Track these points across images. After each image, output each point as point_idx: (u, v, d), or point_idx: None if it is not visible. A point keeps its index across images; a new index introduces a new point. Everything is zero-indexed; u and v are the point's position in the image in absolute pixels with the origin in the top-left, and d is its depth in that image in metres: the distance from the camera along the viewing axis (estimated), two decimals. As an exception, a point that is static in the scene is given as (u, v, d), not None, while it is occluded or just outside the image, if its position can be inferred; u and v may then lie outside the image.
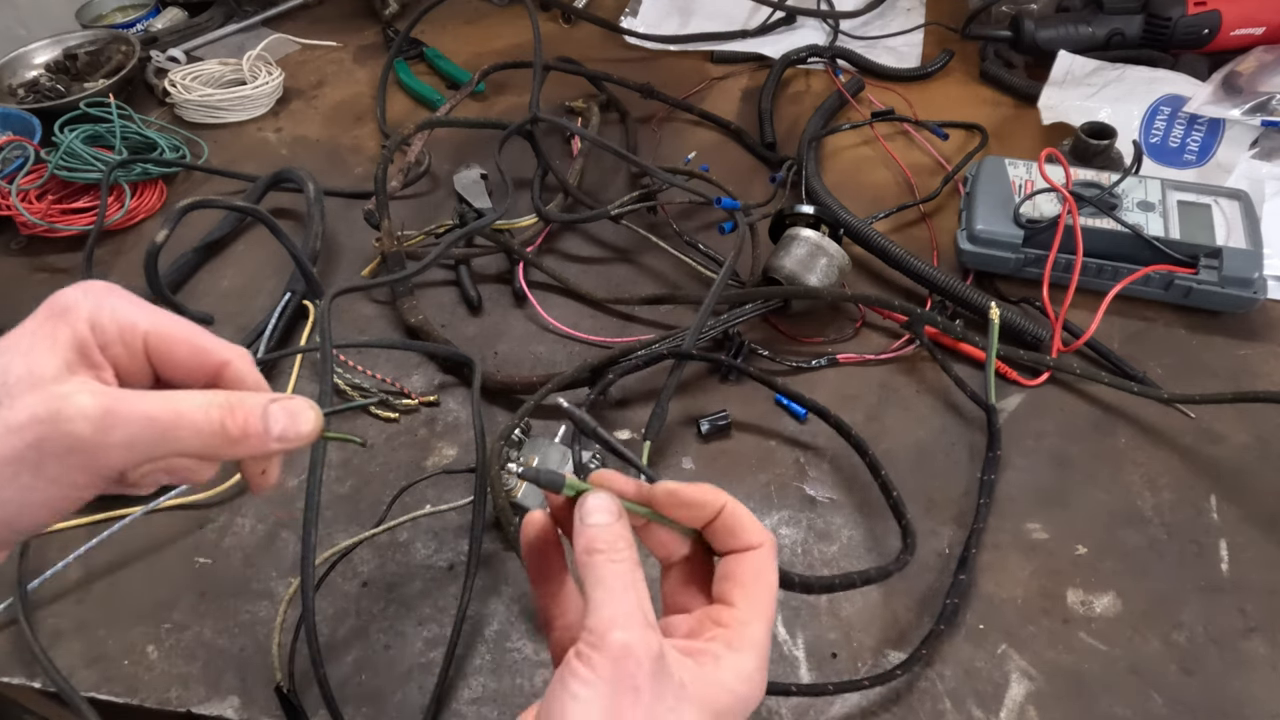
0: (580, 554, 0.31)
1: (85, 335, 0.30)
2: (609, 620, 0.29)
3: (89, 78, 1.04)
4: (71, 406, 0.28)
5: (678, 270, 0.78)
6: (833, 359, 0.69)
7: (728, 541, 0.34)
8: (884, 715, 0.50)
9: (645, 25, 1.13)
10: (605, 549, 0.31)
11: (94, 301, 0.31)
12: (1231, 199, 0.71)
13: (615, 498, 0.33)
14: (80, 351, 0.30)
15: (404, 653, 0.54)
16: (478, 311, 0.76)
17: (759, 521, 0.34)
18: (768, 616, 0.32)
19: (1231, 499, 0.59)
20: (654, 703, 0.28)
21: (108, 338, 0.31)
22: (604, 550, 0.31)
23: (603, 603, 0.29)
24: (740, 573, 0.33)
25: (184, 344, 0.32)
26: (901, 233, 0.81)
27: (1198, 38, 0.90)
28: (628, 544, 0.31)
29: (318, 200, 0.81)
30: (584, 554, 0.31)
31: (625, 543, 0.31)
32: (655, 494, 0.34)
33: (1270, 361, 0.68)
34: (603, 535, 0.31)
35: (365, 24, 1.18)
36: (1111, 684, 0.51)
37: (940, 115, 0.92)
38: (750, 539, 0.33)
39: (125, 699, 0.53)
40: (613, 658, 0.28)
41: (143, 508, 0.60)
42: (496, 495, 0.57)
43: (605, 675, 0.28)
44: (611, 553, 0.31)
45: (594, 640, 0.28)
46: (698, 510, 0.34)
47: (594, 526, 0.31)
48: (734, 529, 0.34)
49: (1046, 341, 0.68)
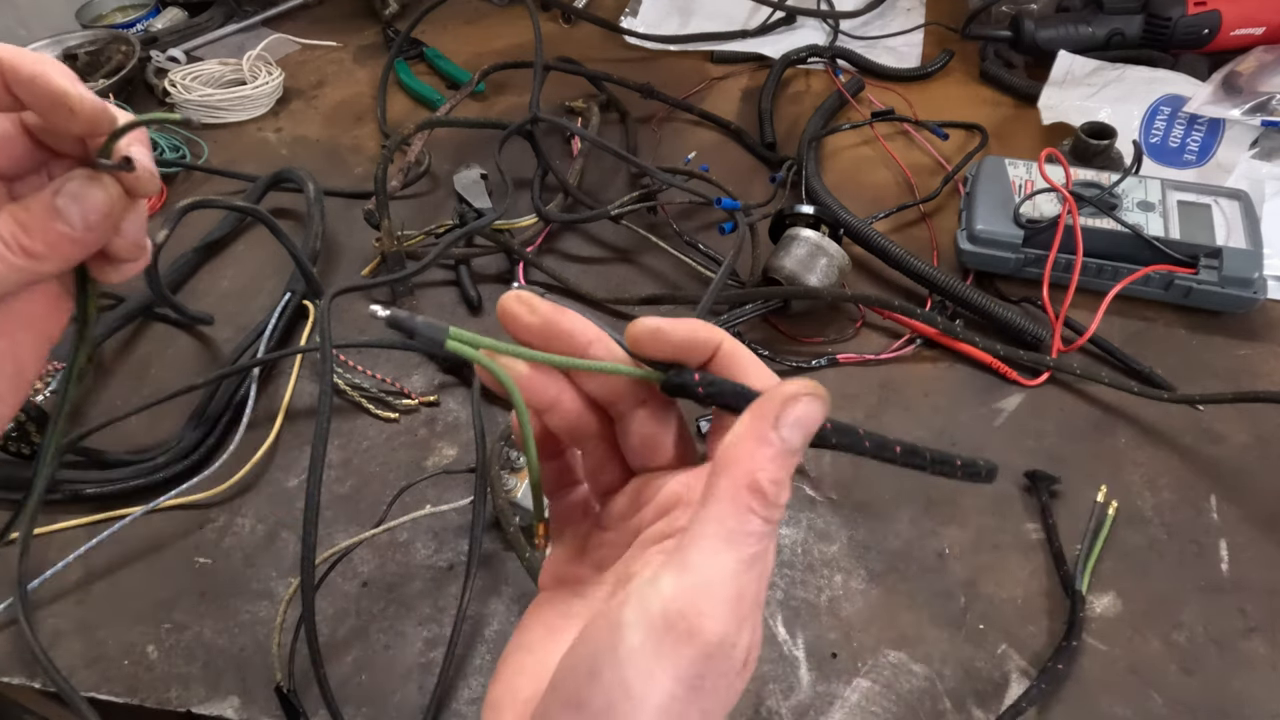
0: (729, 481, 0.22)
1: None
2: (715, 596, 0.21)
3: (89, 78, 1.04)
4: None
5: (678, 270, 0.78)
6: (833, 359, 0.69)
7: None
8: (884, 715, 0.50)
9: (645, 25, 1.13)
10: (773, 486, 0.22)
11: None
12: (1231, 199, 0.71)
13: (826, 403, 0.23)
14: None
15: (404, 653, 0.54)
16: (478, 311, 0.76)
17: (765, 366, 0.27)
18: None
19: (1231, 499, 0.59)
20: (715, 695, 0.22)
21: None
22: (770, 491, 0.22)
23: (716, 563, 0.22)
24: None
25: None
26: (901, 233, 0.81)
27: (1198, 38, 0.90)
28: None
29: (318, 200, 0.81)
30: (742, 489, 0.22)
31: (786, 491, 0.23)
32: (635, 331, 0.26)
33: (1270, 361, 0.68)
34: (786, 464, 0.22)
35: (365, 24, 1.18)
36: (1111, 684, 0.51)
37: (940, 115, 0.92)
38: (752, 382, 0.26)
39: (125, 699, 0.53)
40: (705, 648, 0.21)
41: (143, 508, 0.60)
42: (496, 495, 0.57)
43: (684, 663, 0.21)
44: (776, 498, 0.22)
45: (682, 612, 0.21)
46: (689, 353, 0.26)
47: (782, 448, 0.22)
48: (732, 372, 0.26)
49: (1046, 341, 0.68)
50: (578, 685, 0.22)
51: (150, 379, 0.72)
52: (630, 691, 0.21)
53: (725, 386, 0.25)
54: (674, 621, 0.21)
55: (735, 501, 0.22)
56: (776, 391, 0.23)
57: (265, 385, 0.70)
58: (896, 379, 0.68)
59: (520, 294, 0.26)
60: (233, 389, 0.67)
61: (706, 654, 0.21)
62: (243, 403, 0.66)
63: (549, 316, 0.26)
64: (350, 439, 0.66)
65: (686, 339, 0.26)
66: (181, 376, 0.70)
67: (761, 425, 0.22)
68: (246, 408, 0.65)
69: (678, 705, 0.21)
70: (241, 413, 0.65)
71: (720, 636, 0.21)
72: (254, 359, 0.68)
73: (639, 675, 0.21)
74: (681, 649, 0.21)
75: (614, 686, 0.21)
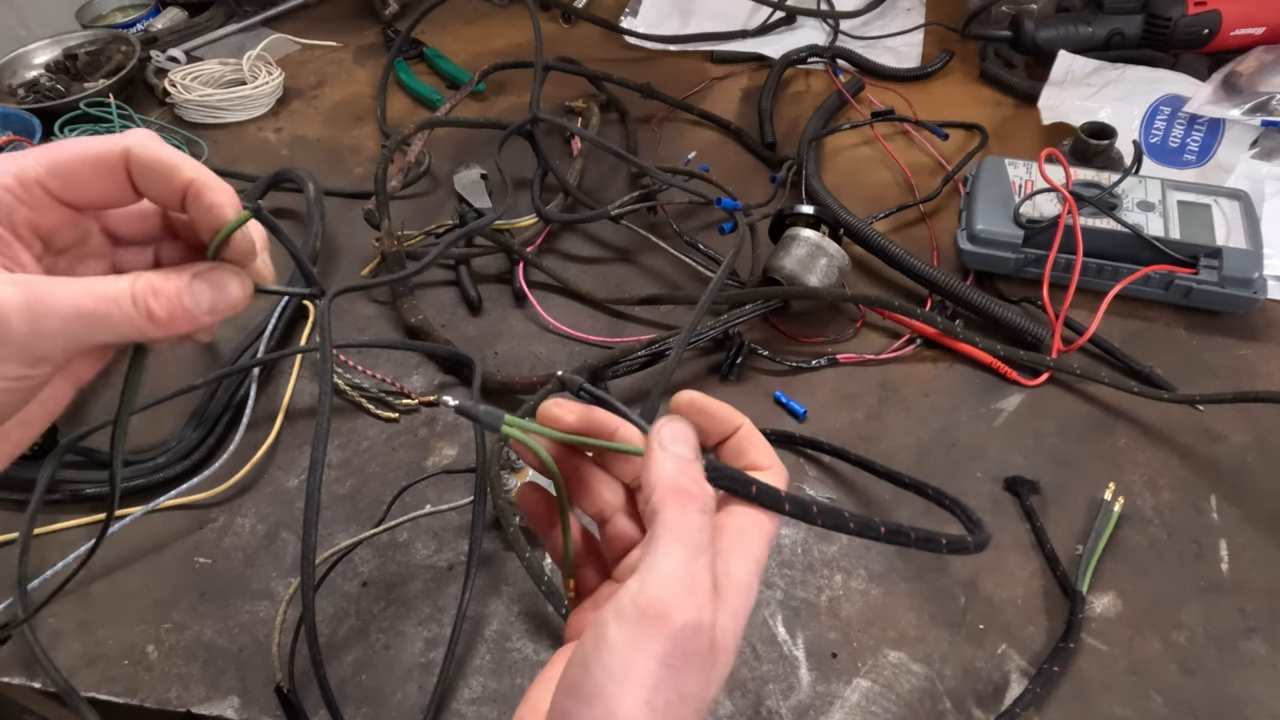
0: (657, 491, 0.28)
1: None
2: (676, 584, 0.26)
3: (89, 78, 1.04)
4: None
5: (678, 270, 0.78)
6: (833, 359, 0.69)
7: (734, 463, 0.32)
8: (884, 715, 0.50)
9: (645, 25, 1.13)
10: (694, 489, 0.28)
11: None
12: (1231, 199, 0.71)
13: (691, 426, 0.30)
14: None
15: (404, 653, 0.54)
16: (478, 311, 0.76)
17: (773, 450, 0.32)
18: (768, 528, 0.30)
19: (1231, 499, 0.59)
20: (695, 678, 0.26)
21: (5, 206, 0.28)
22: (692, 492, 0.28)
23: (671, 558, 0.27)
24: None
25: (85, 166, 0.29)
26: (901, 233, 0.81)
27: (1198, 38, 0.90)
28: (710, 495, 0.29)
29: (318, 200, 0.81)
30: (665, 492, 0.28)
31: (705, 485, 0.29)
32: (678, 402, 0.32)
33: (1270, 361, 0.68)
34: (691, 473, 0.28)
35: (365, 24, 1.18)
36: (1111, 684, 0.51)
37: (940, 115, 0.92)
38: (758, 460, 0.32)
39: (125, 699, 0.53)
40: (675, 634, 0.25)
41: (143, 507, 0.60)
42: (496, 495, 0.57)
43: (656, 653, 0.25)
44: (700, 499, 0.28)
45: (649, 603, 0.26)
46: (717, 424, 0.32)
47: (683, 460, 0.28)
48: (745, 449, 0.32)
49: (1046, 341, 0.68)
50: (574, 677, 0.26)
51: (150, 379, 0.72)
52: (614, 675, 0.25)
53: (725, 471, 0.30)
54: (644, 610, 0.26)
55: (670, 504, 0.27)
56: (654, 428, 0.30)
57: (265, 385, 0.70)
58: (896, 379, 0.68)
59: (558, 400, 0.33)
60: (233, 389, 0.67)
61: (675, 636, 0.25)
62: (243, 403, 0.66)
63: (583, 412, 0.33)
64: (350, 439, 0.66)
65: (716, 413, 0.33)
66: (181, 376, 0.70)
67: (656, 450, 0.29)
68: (246, 408, 0.65)
69: (655, 683, 0.25)
70: (241, 413, 0.65)
71: (684, 619, 0.26)
72: (254, 359, 0.68)
73: (619, 660, 0.25)
74: (653, 633, 0.25)
75: (600, 672, 0.26)
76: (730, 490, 0.30)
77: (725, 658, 0.27)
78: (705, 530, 0.27)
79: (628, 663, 0.25)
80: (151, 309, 0.28)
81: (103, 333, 0.28)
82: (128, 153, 0.29)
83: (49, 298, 0.27)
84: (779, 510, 0.30)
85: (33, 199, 0.29)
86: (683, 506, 0.27)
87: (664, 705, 0.25)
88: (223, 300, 0.30)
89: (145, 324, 0.28)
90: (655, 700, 0.25)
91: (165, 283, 0.29)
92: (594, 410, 0.33)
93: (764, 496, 0.30)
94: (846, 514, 0.30)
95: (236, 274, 0.31)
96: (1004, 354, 0.67)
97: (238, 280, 0.31)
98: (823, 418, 0.66)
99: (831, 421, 0.65)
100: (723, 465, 0.31)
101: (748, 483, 0.30)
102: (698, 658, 0.26)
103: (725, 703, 0.51)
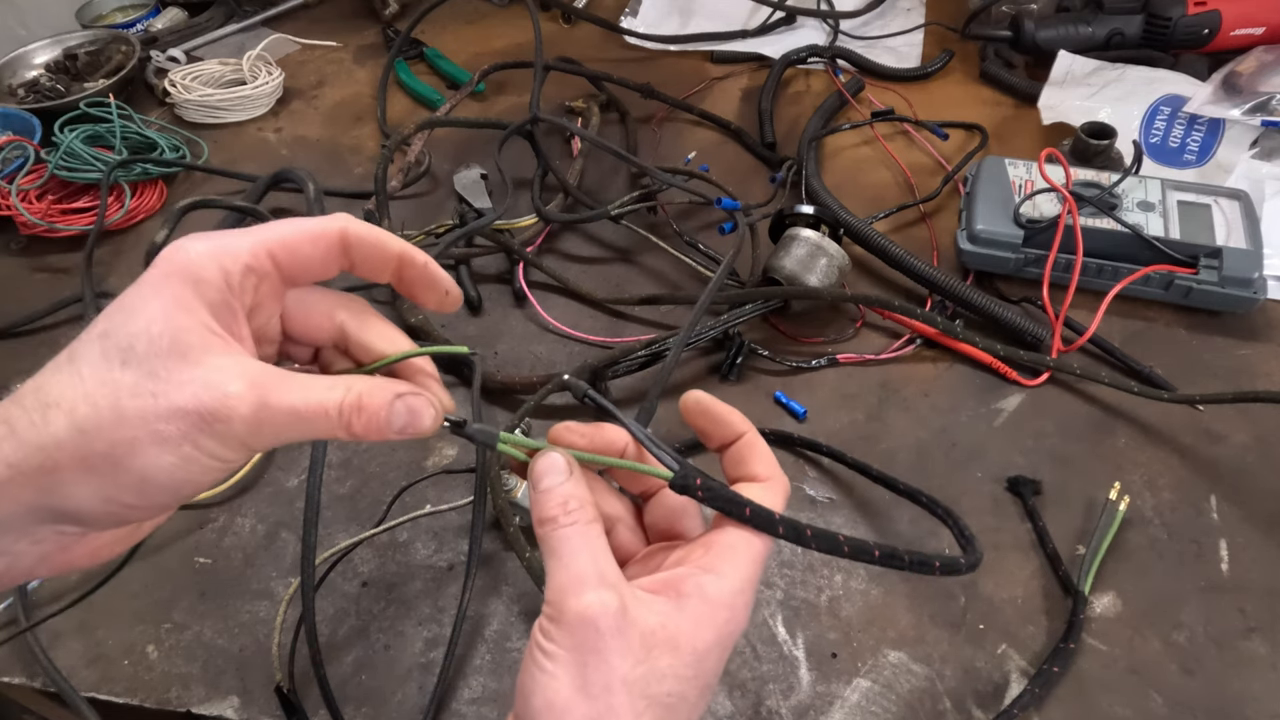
0: (535, 525, 0.31)
1: (218, 291, 0.29)
2: (563, 589, 0.29)
3: (89, 78, 1.04)
4: (228, 406, 0.27)
5: (678, 270, 0.78)
6: (833, 359, 0.69)
7: (735, 470, 0.34)
8: (884, 715, 0.50)
9: (645, 25, 1.13)
10: (556, 513, 0.31)
11: (208, 249, 0.29)
12: (1231, 199, 0.71)
13: (565, 453, 0.32)
14: (215, 311, 0.29)
15: (404, 653, 0.54)
16: (478, 311, 0.76)
17: (775, 460, 0.34)
18: (758, 547, 0.32)
19: (1231, 499, 0.59)
20: (622, 661, 0.28)
21: (236, 283, 0.29)
22: (555, 516, 0.31)
23: (555, 571, 0.30)
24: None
25: (306, 242, 0.31)
26: (901, 233, 0.81)
27: (1198, 38, 0.90)
28: (581, 502, 0.31)
29: (318, 200, 0.81)
30: (537, 525, 0.31)
31: (578, 501, 0.31)
32: (685, 401, 0.34)
33: (1270, 361, 0.68)
34: (553, 500, 0.31)
35: (365, 24, 1.18)
36: (1111, 684, 0.51)
37: (940, 115, 0.92)
38: (758, 471, 0.33)
39: (125, 699, 0.53)
40: (571, 627, 0.28)
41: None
42: (496, 495, 0.57)
43: (567, 645, 0.28)
44: (562, 517, 0.30)
45: (553, 613, 0.29)
46: (721, 428, 0.34)
47: (545, 491, 0.31)
48: (746, 458, 0.33)
49: (1046, 341, 0.68)
50: (519, 683, 0.30)
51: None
52: (543, 669, 0.28)
53: (720, 492, 0.31)
54: (549, 616, 0.29)
55: (543, 534, 0.31)
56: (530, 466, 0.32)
57: (265, 385, 0.69)
58: (896, 379, 0.68)
59: (569, 425, 0.34)
60: (233, 389, 0.67)
61: (572, 627, 0.28)
62: (243, 403, 0.66)
63: (591, 432, 0.34)
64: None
65: (721, 417, 0.34)
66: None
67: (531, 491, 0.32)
68: (246, 408, 0.65)
69: (577, 670, 0.28)
70: (241, 413, 0.65)
71: (576, 611, 0.28)
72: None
73: (541, 658, 0.29)
74: (559, 632, 0.29)
75: (533, 669, 0.29)
76: (724, 512, 0.31)
77: (665, 643, 0.29)
78: (579, 535, 0.30)
79: (551, 658, 0.28)
80: (352, 423, 0.29)
81: (304, 434, 0.29)
82: (344, 231, 0.31)
83: (273, 400, 0.28)
84: (773, 533, 0.31)
85: (261, 271, 0.30)
86: (552, 531, 0.30)
87: (602, 690, 0.28)
88: (414, 428, 0.31)
89: (341, 432, 0.29)
90: (590, 687, 0.28)
91: (370, 400, 0.30)
92: (602, 429, 0.34)
93: (758, 519, 0.31)
94: (841, 538, 0.31)
95: (432, 405, 0.31)
96: (1004, 354, 0.67)
97: (432, 412, 0.31)
98: (823, 418, 0.66)
99: (831, 421, 0.65)
100: (718, 485, 0.31)
101: (742, 504, 0.31)
102: (607, 639, 0.28)
103: (725, 703, 0.51)
